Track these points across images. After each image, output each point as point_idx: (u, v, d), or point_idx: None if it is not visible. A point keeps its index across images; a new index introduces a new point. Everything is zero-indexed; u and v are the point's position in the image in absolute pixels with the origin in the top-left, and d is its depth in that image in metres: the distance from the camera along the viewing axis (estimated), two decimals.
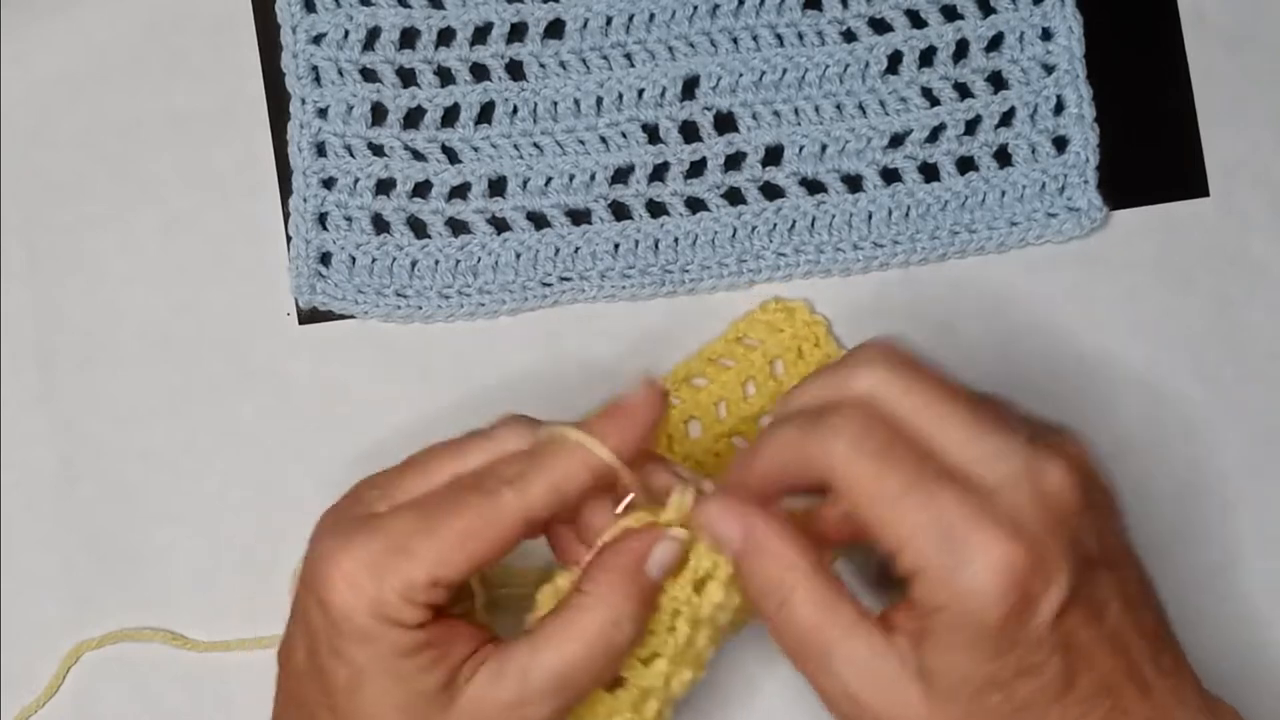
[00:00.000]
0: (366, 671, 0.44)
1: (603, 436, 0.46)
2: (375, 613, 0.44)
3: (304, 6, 0.60)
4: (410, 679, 0.44)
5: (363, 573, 0.44)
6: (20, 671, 0.58)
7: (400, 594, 0.44)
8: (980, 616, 0.42)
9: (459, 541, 0.45)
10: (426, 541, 0.45)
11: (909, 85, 0.61)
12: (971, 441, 0.43)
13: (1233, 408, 0.60)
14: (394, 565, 0.44)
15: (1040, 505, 0.43)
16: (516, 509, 0.45)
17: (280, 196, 0.60)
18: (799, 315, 0.59)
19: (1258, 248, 0.61)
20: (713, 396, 0.59)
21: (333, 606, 0.44)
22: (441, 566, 0.44)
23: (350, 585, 0.44)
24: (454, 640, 0.46)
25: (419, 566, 0.44)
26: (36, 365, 0.60)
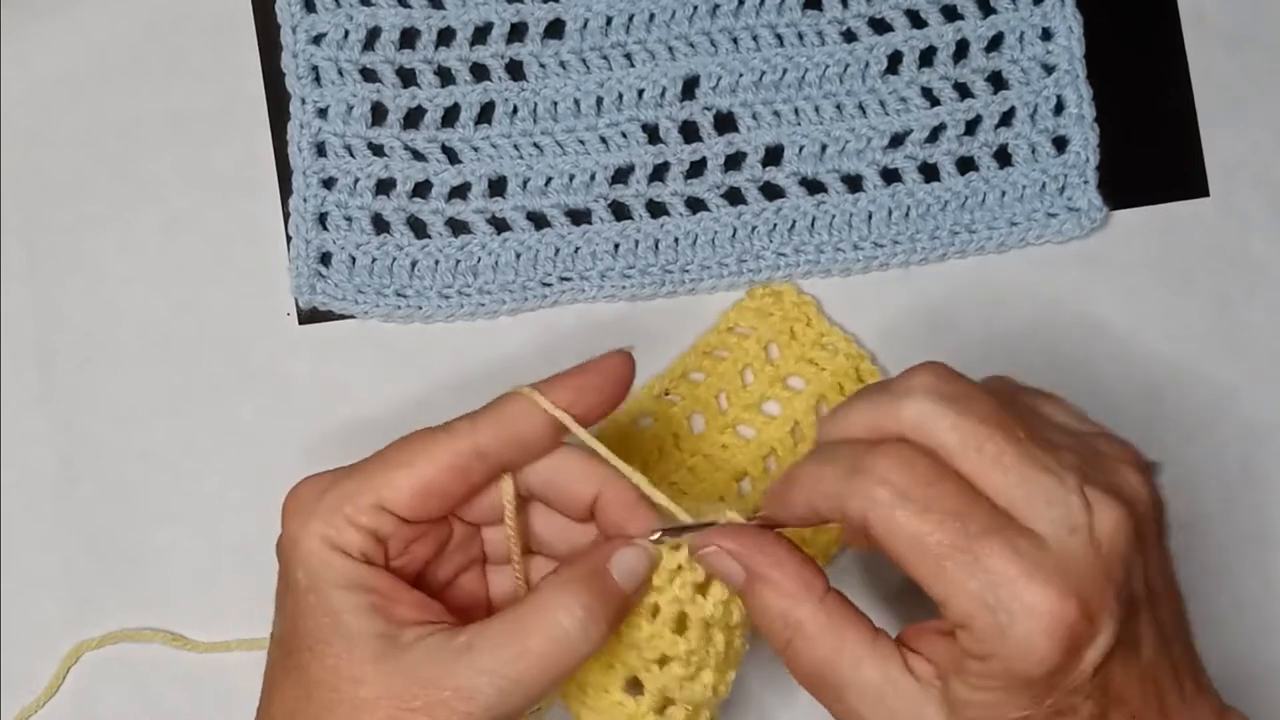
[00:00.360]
0: (305, 599, 0.45)
1: (559, 390, 0.47)
2: (319, 536, 0.45)
3: (304, 6, 0.60)
4: (343, 614, 0.44)
5: (311, 497, 0.46)
6: (20, 671, 0.58)
7: (345, 517, 0.45)
8: (1025, 670, 0.41)
9: (403, 463, 0.45)
10: (373, 465, 0.46)
11: (909, 85, 0.61)
12: (1022, 484, 0.42)
13: (1233, 407, 0.60)
14: (339, 488, 0.45)
15: (1092, 553, 0.41)
16: (465, 437, 0.46)
17: (280, 196, 0.60)
18: (787, 297, 0.59)
19: (1258, 248, 0.61)
20: (712, 389, 0.59)
21: (284, 533, 0.46)
22: (386, 488, 0.45)
23: (299, 509, 0.46)
24: (401, 600, 0.45)
25: (362, 487, 0.45)
26: (36, 365, 0.60)
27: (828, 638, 0.44)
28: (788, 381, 0.59)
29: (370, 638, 0.44)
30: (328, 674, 0.44)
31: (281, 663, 0.46)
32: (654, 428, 0.59)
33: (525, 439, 0.47)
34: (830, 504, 0.43)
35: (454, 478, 0.46)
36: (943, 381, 0.44)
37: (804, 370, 0.59)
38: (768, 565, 0.45)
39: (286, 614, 0.46)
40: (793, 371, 0.59)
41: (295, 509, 0.46)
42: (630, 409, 0.59)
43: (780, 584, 0.44)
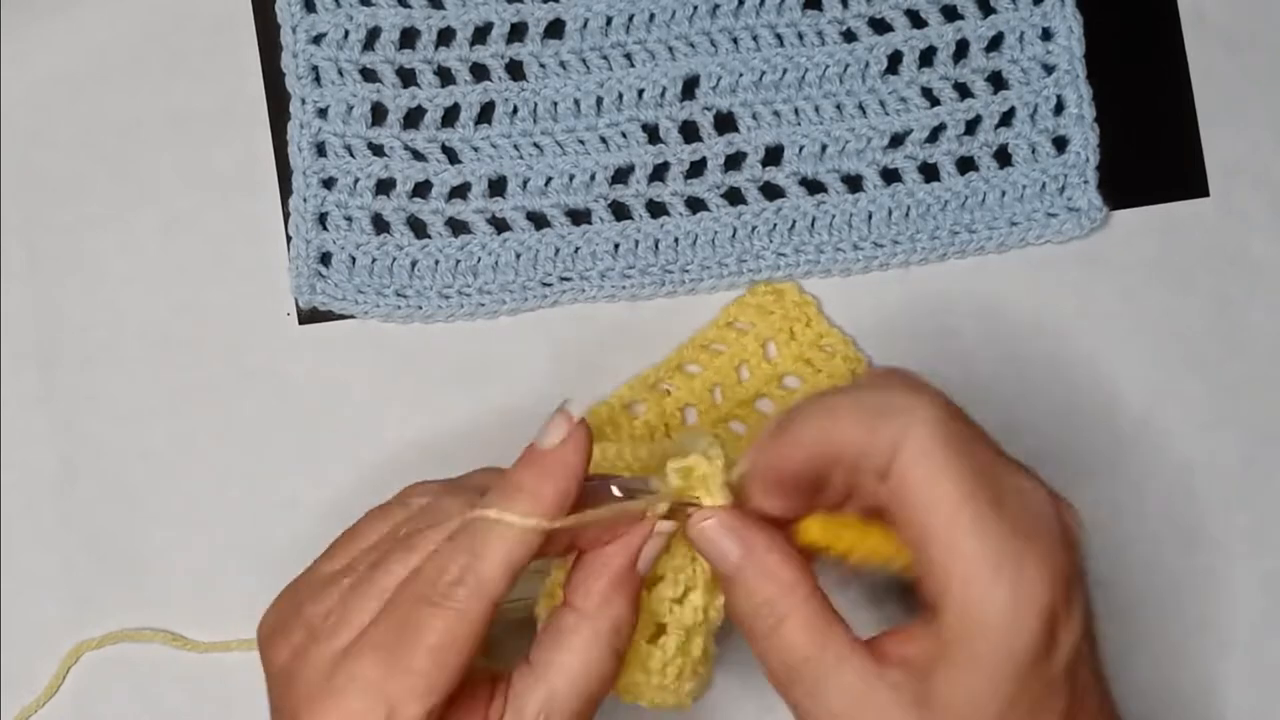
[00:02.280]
0: None
1: (536, 498, 0.44)
2: None
3: (304, 6, 0.60)
4: None
5: (364, 708, 0.42)
6: (20, 671, 0.58)
7: None
8: (1012, 652, 0.41)
9: (436, 664, 0.42)
10: (407, 680, 0.42)
11: (909, 85, 0.61)
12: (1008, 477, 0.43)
13: (1233, 408, 0.60)
14: (387, 716, 0.42)
15: (1066, 548, 0.42)
16: (478, 606, 0.43)
17: (280, 196, 0.60)
18: (788, 296, 0.59)
19: (1258, 248, 0.61)
20: (707, 383, 0.59)
21: None
22: (431, 696, 0.42)
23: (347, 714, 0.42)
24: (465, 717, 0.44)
25: (410, 708, 0.42)
26: (36, 365, 0.60)
27: (813, 632, 0.43)
28: (784, 381, 0.59)
29: None
30: None
31: None
32: (646, 415, 0.59)
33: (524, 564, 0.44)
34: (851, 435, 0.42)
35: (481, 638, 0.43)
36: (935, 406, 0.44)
37: (801, 370, 0.59)
38: (764, 548, 0.44)
39: None
40: (790, 371, 0.59)
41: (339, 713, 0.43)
42: (623, 395, 0.59)
43: (774, 570, 0.44)
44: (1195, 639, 0.59)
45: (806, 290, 0.60)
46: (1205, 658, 0.59)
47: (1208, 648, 0.59)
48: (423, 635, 0.42)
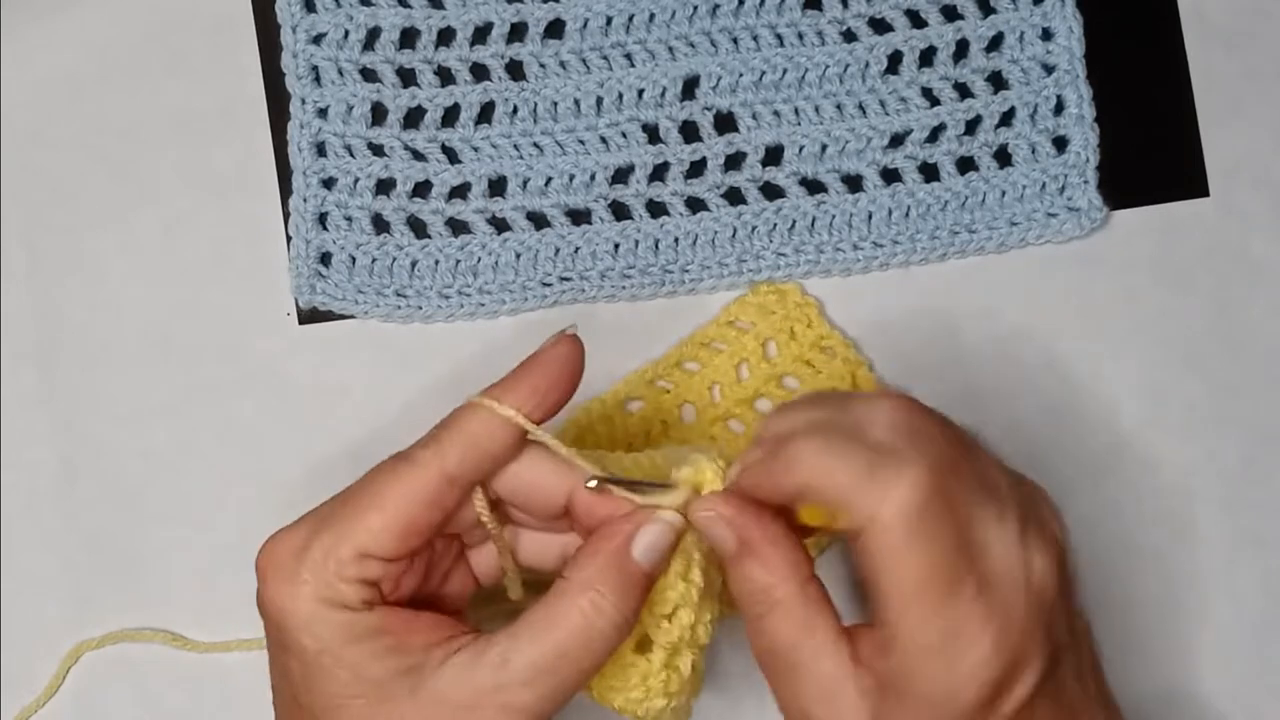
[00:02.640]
0: (318, 661, 0.44)
1: (514, 393, 0.46)
2: (315, 598, 0.44)
3: (304, 6, 0.60)
4: (363, 665, 0.43)
5: (290, 559, 0.44)
6: (20, 671, 0.58)
7: (334, 573, 0.44)
8: (952, 704, 0.42)
9: (379, 506, 0.44)
10: (348, 513, 0.44)
11: (909, 85, 0.61)
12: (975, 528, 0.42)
13: (1233, 408, 0.60)
14: (318, 544, 0.44)
15: (1029, 600, 0.42)
16: (432, 466, 0.45)
17: (280, 196, 0.60)
18: (790, 297, 0.59)
19: (1258, 248, 0.61)
20: (706, 380, 0.59)
21: (274, 604, 0.44)
22: (367, 535, 0.44)
23: (282, 574, 0.44)
24: (413, 627, 0.45)
25: (345, 541, 0.44)
26: (36, 365, 0.60)
27: (801, 622, 0.44)
28: (783, 381, 0.59)
29: (398, 677, 0.43)
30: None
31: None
32: (643, 411, 0.59)
33: (491, 453, 0.46)
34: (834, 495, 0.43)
35: (429, 510, 0.45)
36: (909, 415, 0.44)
37: (800, 371, 0.59)
38: (761, 539, 0.45)
39: (295, 678, 0.44)
40: (789, 371, 0.59)
41: (277, 573, 0.44)
42: (620, 392, 0.59)
43: (769, 560, 0.45)
44: (1195, 639, 0.59)
45: (808, 291, 0.60)
46: (1205, 658, 0.59)
47: (1208, 648, 0.59)
48: (376, 480, 0.45)
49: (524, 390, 0.46)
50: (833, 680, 0.43)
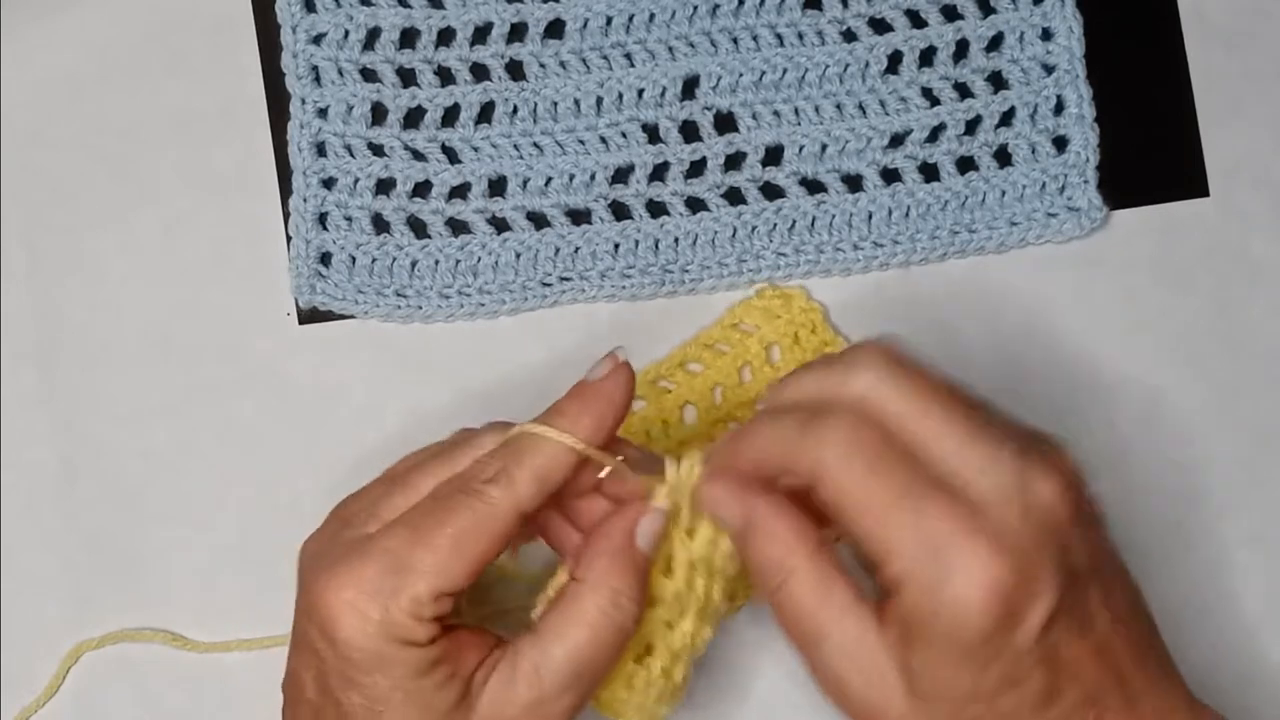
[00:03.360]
0: (386, 698, 0.44)
1: (575, 422, 0.46)
2: (386, 636, 0.44)
3: (304, 6, 0.60)
4: (429, 698, 0.44)
5: (366, 598, 0.44)
6: (20, 671, 0.58)
7: (408, 613, 0.44)
8: (964, 630, 0.41)
9: (456, 548, 0.45)
10: (424, 554, 0.44)
11: (909, 85, 0.61)
12: (963, 450, 0.43)
13: (1233, 408, 0.60)
14: (397, 585, 0.44)
15: (1029, 519, 0.42)
16: (506, 504, 0.45)
17: (280, 196, 0.60)
18: (795, 301, 0.59)
19: (1258, 248, 0.61)
20: (708, 382, 0.59)
21: (340, 637, 0.44)
22: (443, 577, 0.44)
23: (356, 613, 0.44)
24: (464, 651, 0.46)
25: (421, 581, 0.44)
26: (36, 365, 0.60)
27: (817, 587, 0.44)
28: None
29: (451, 708, 0.45)
30: None
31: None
32: (645, 411, 0.59)
33: (555, 482, 0.46)
34: (779, 461, 0.44)
35: (502, 545, 0.46)
36: (891, 354, 0.45)
37: None
38: (766, 513, 0.45)
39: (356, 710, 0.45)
40: None
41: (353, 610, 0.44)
42: None
43: (777, 531, 0.45)
44: (1195, 639, 0.59)
45: (813, 297, 0.60)
46: (1205, 657, 0.59)
47: (1208, 647, 0.59)
48: (450, 518, 0.45)
49: (588, 421, 0.47)
50: (858, 641, 0.44)
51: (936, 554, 0.41)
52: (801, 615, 0.45)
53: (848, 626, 0.44)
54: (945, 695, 0.43)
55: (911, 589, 0.42)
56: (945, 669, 0.42)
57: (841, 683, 0.44)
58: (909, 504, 0.42)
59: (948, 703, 0.43)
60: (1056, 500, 0.43)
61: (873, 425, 0.43)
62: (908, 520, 0.42)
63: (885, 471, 0.43)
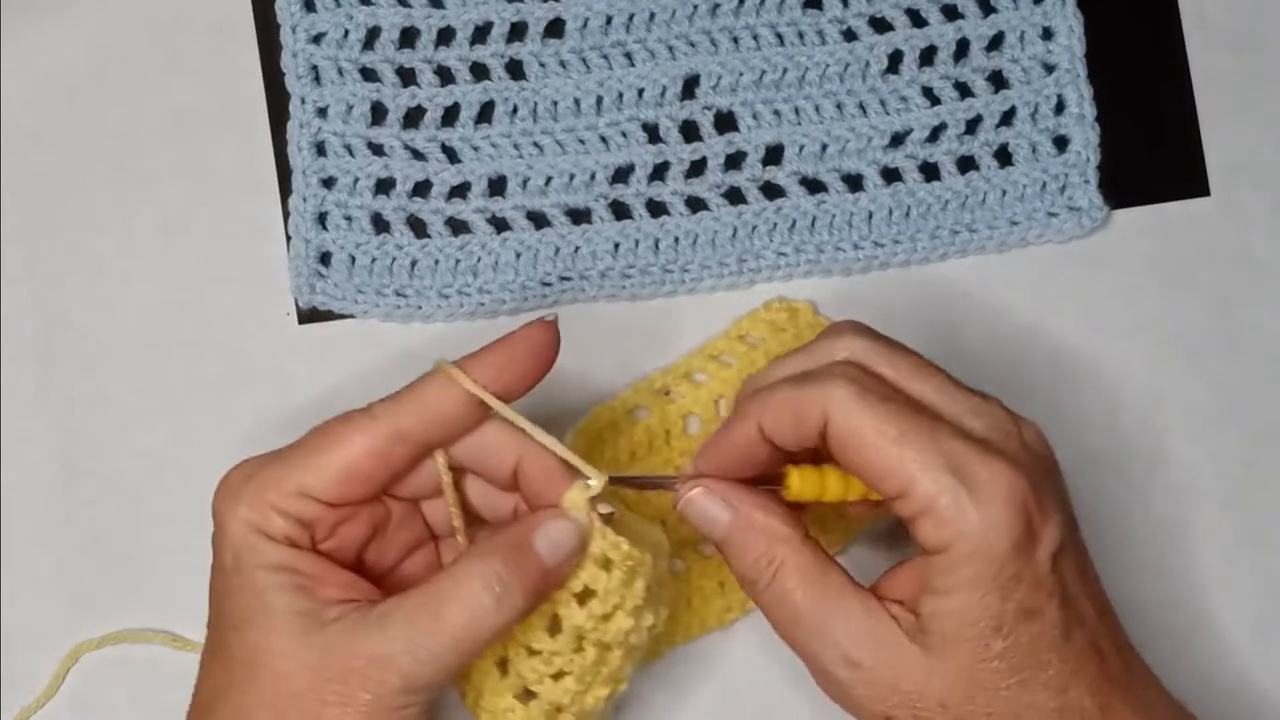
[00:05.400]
0: (228, 578, 0.45)
1: (482, 367, 0.47)
2: (245, 520, 0.45)
3: (304, 6, 0.60)
4: (265, 594, 0.45)
5: (240, 481, 0.46)
6: (20, 671, 0.58)
7: (269, 502, 0.45)
8: (990, 546, 0.42)
9: (327, 449, 0.46)
10: (298, 451, 0.46)
11: (909, 84, 0.61)
12: (955, 400, 0.45)
13: (1233, 408, 0.60)
14: (266, 473, 0.46)
15: (1028, 452, 0.44)
16: (385, 420, 0.46)
17: (280, 196, 0.60)
18: (802, 316, 0.59)
19: (1258, 248, 0.61)
20: (712, 393, 0.59)
21: (214, 516, 0.46)
22: (308, 474, 0.46)
23: (228, 493, 0.46)
24: (327, 580, 0.46)
25: (286, 472, 0.46)
26: (36, 365, 0.60)
27: (812, 574, 0.45)
28: None
29: (291, 614, 0.45)
30: (249, 650, 0.45)
31: (208, 643, 0.47)
32: (648, 421, 0.59)
33: (447, 418, 0.47)
34: (783, 416, 0.45)
35: (376, 462, 0.46)
36: (866, 328, 0.48)
37: None
38: (752, 505, 0.46)
39: (215, 595, 0.47)
40: None
41: (223, 494, 0.47)
42: (628, 400, 0.59)
43: (764, 523, 0.46)
44: (1195, 639, 0.59)
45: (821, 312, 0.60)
46: (1205, 658, 0.59)
47: (1208, 648, 0.59)
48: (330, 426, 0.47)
49: (491, 366, 0.47)
50: (865, 620, 0.44)
51: (959, 472, 0.43)
52: (800, 603, 0.45)
53: (850, 606, 0.44)
54: (968, 633, 0.43)
55: (935, 512, 0.43)
56: (968, 600, 0.43)
57: (855, 662, 0.44)
58: (922, 431, 0.43)
59: (970, 643, 0.43)
60: (1045, 447, 0.46)
61: (870, 372, 0.45)
62: (927, 444, 0.43)
63: (895, 406, 0.44)
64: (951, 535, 0.42)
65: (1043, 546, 0.43)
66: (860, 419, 0.44)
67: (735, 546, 0.46)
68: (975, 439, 0.44)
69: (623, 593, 0.46)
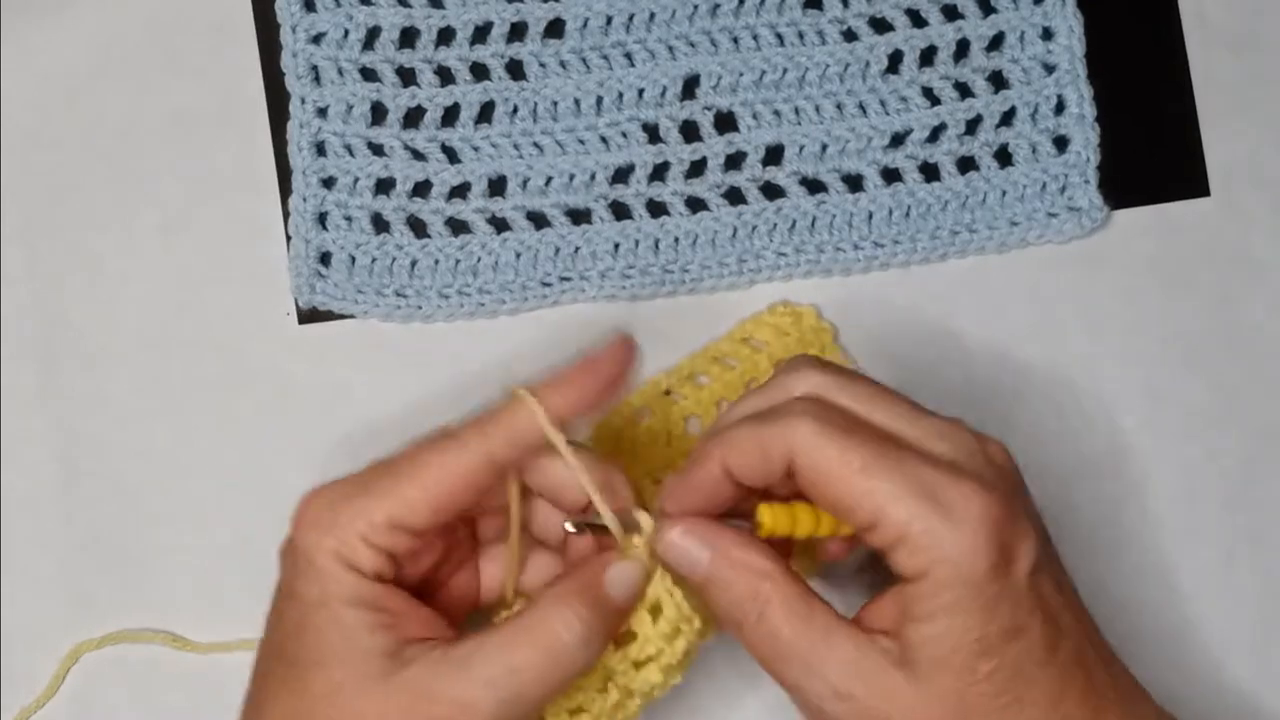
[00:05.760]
0: (314, 613, 0.44)
1: (564, 392, 0.47)
2: (333, 553, 0.45)
3: (304, 6, 0.60)
4: (352, 632, 0.44)
5: (325, 511, 0.45)
6: (20, 671, 0.58)
7: (359, 534, 0.44)
8: (968, 569, 0.42)
9: (418, 477, 0.45)
10: (386, 480, 0.45)
11: (909, 85, 0.61)
12: (918, 424, 0.45)
13: (1233, 408, 0.60)
14: (354, 503, 0.45)
15: (997, 473, 0.44)
16: (476, 446, 0.46)
17: (280, 196, 0.60)
18: (806, 320, 0.59)
19: (1258, 248, 0.61)
20: (714, 395, 0.59)
21: (296, 546, 0.45)
22: (401, 505, 0.45)
23: (313, 523, 0.45)
24: (410, 617, 0.45)
25: (377, 503, 0.45)
26: (36, 365, 0.60)
27: (798, 610, 0.44)
28: None
29: (377, 655, 0.44)
30: (332, 689, 0.44)
31: (280, 673, 0.45)
32: (650, 423, 0.59)
33: (532, 443, 0.47)
34: (747, 457, 0.45)
35: (467, 489, 0.46)
36: (822, 362, 0.47)
37: None
38: (731, 543, 0.45)
39: (288, 624, 0.45)
40: None
41: (309, 522, 0.45)
42: (634, 403, 0.59)
43: (746, 559, 0.45)
44: (1195, 639, 0.59)
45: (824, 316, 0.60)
46: (1205, 658, 0.59)
47: (1208, 648, 0.59)
48: (420, 453, 0.46)
49: (574, 391, 0.47)
50: (854, 653, 0.44)
51: (930, 498, 0.42)
52: (787, 639, 0.44)
53: (839, 639, 0.44)
54: (954, 658, 0.42)
55: (910, 540, 0.42)
56: (951, 625, 0.42)
57: (847, 695, 0.43)
58: (892, 461, 0.43)
59: (957, 667, 0.43)
60: (1011, 463, 0.45)
61: (831, 406, 0.45)
62: (894, 472, 0.43)
63: (860, 438, 0.44)
64: (928, 562, 0.42)
65: (1020, 564, 0.43)
66: (824, 453, 0.43)
67: (718, 586, 0.45)
68: (943, 463, 0.43)
69: (662, 645, 0.46)
